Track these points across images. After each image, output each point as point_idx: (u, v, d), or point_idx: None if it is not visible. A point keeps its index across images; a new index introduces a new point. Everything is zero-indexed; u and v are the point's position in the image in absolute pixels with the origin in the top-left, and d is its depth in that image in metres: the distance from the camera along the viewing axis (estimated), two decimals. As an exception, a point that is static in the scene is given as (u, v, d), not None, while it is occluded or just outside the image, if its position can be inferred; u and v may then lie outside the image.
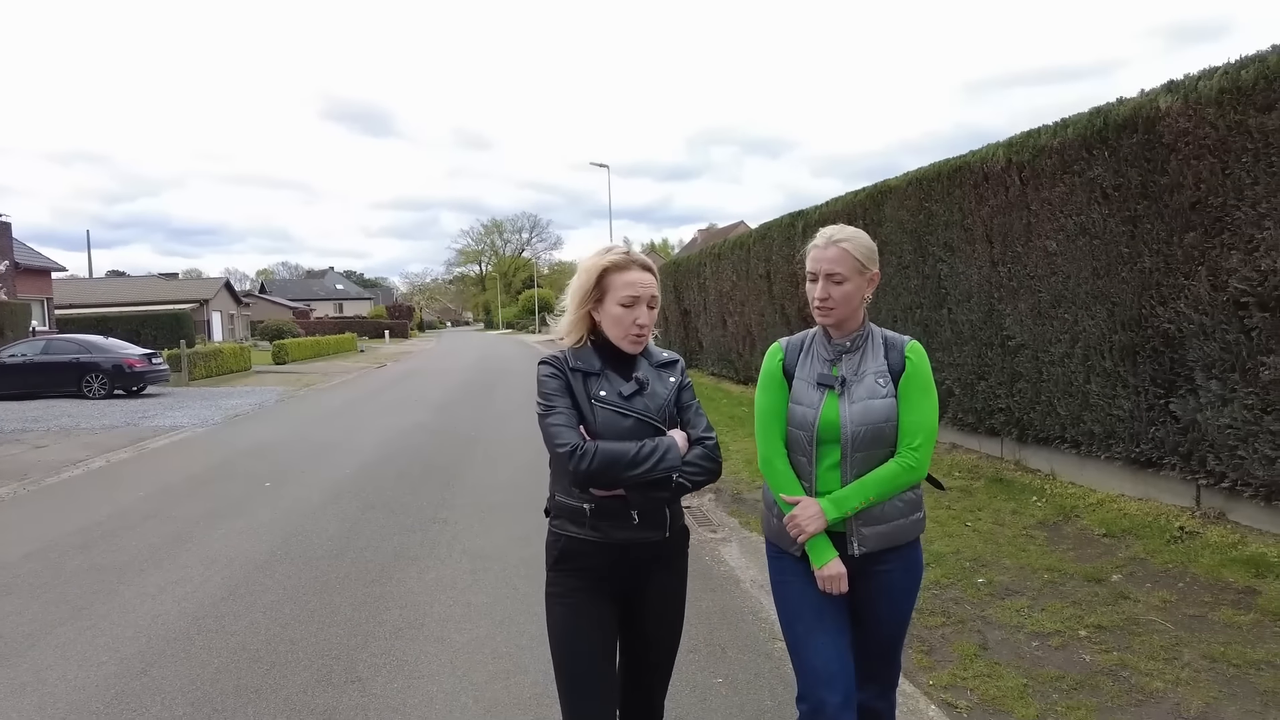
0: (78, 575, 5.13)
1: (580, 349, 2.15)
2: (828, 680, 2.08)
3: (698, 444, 2.12)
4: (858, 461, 2.13)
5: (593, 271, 2.11)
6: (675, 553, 2.21)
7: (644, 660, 2.20)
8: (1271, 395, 4.40)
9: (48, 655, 3.87)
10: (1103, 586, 4.25)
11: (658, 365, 2.20)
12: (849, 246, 2.15)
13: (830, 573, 2.10)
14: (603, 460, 1.98)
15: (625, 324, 2.10)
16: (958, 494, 6.18)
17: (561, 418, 2.04)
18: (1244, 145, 4.37)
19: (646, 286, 2.11)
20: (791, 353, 2.25)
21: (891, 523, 2.15)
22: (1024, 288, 6.27)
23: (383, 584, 4.78)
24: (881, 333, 2.25)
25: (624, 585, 2.12)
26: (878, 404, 2.13)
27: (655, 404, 2.12)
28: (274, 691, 3.42)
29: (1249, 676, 3.22)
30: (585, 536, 2.07)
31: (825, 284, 2.14)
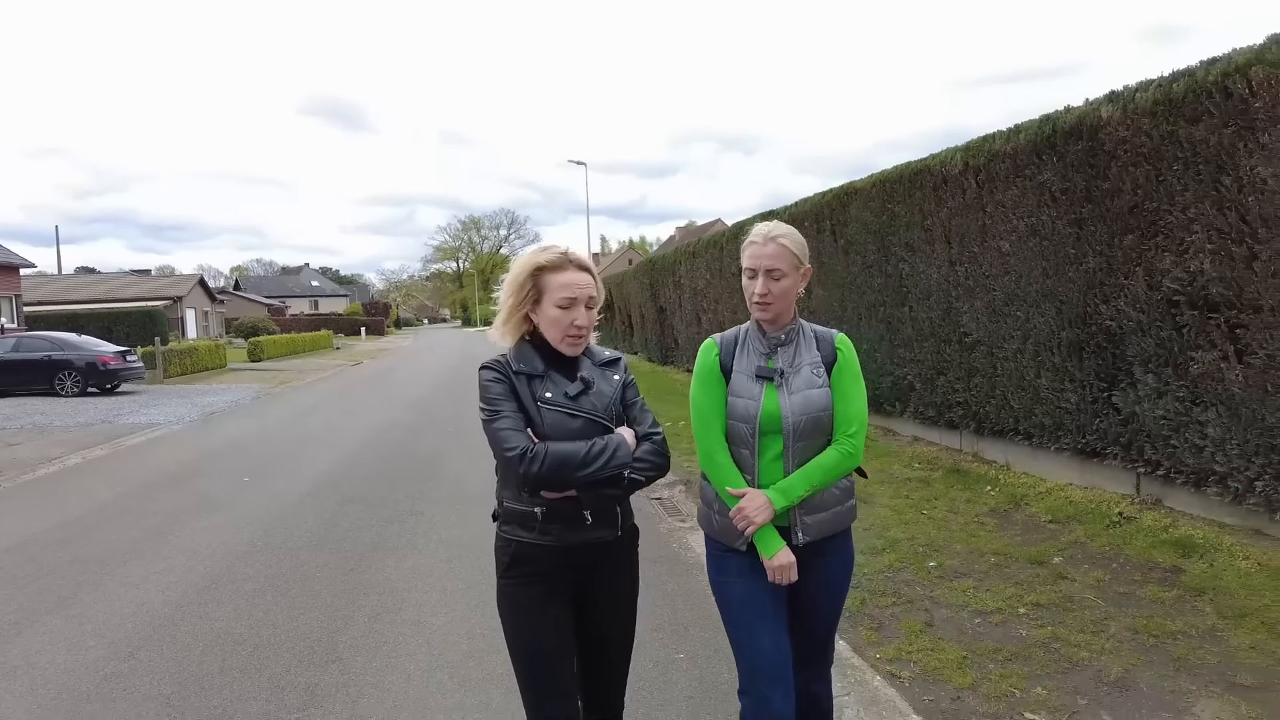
0: (60, 567, 5.24)
1: (521, 350, 2.12)
2: (769, 676, 2.16)
3: (645, 440, 2.12)
4: (799, 451, 2.18)
5: (526, 270, 2.09)
6: (626, 551, 2.21)
7: (602, 658, 2.20)
8: (1200, 388, 4.70)
9: (36, 641, 4.01)
10: (1044, 568, 4.52)
11: (601, 364, 2.19)
12: (786, 243, 2.20)
13: (780, 562, 2.14)
14: (554, 462, 1.95)
15: (563, 325, 2.07)
16: (916, 484, 6.45)
17: (508, 422, 2.01)
18: (1175, 154, 4.66)
19: (583, 287, 2.08)
20: (726, 348, 2.28)
21: (831, 510, 2.23)
22: (979, 286, 6.55)
23: (361, 572, 4.95)
24: (811, 326, 2.32)
25: (577, 586, 2.12)
26: (815, 394, 2.19)
27: (602, 403, 2.11)
28: (258, 671, 3.59)
29: (1166, 645, 3.50)
30: (537, 541, 2.05)
31: (765, 280, 2.18)
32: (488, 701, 3.27)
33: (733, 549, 2.20)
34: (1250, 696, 3.05)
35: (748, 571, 2.19)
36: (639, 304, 21.33)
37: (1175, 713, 3.00)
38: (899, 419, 8.31)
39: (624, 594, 2.21)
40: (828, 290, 9.18)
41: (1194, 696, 3.09)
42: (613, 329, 26.49)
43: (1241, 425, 4.46)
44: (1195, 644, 3.50)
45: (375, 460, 8.91)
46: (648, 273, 20.17)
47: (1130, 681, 3.24)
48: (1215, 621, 3.69)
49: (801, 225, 9.67)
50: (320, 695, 3.36)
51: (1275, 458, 4.28)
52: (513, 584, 2.09)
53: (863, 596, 4.23)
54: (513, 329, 2.13)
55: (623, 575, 2.20)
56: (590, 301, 2.10)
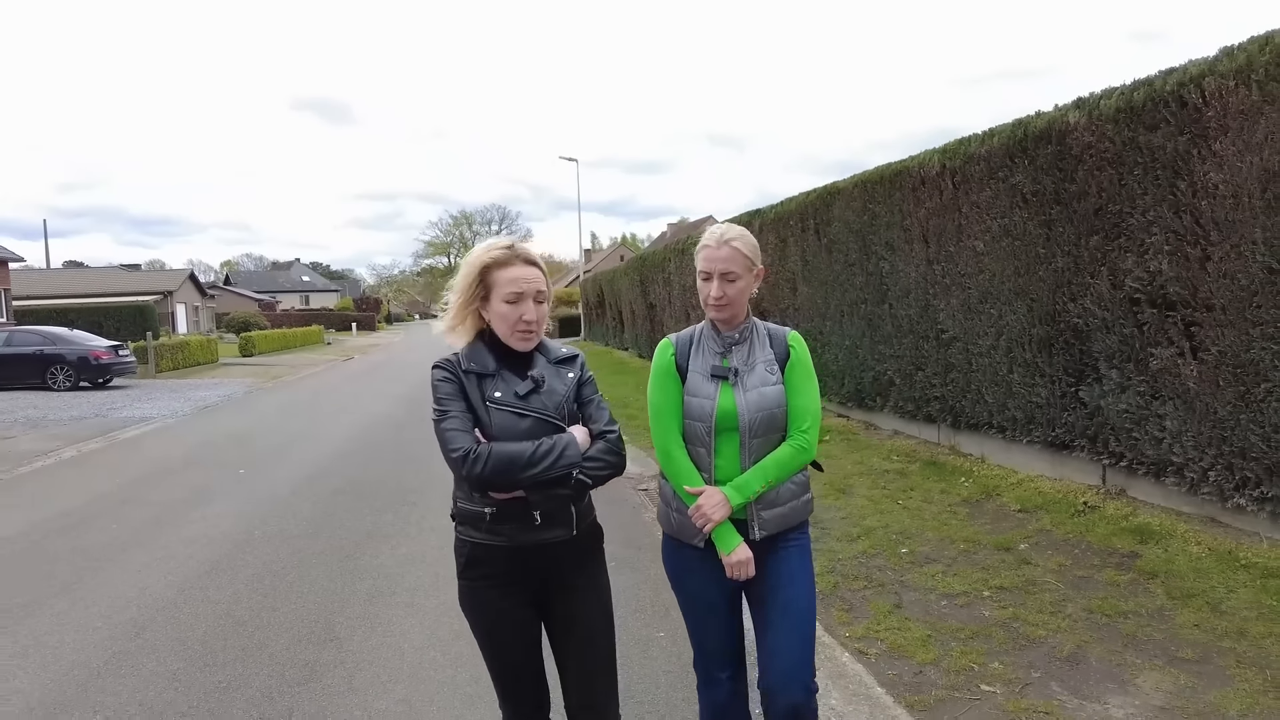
0: (63, 555, 5.41)
1: (474, 349, 2.11)
2: (719, 660, 2.34)
3: (599, 438, 2.09)
4: (755, 448, 2.21)
5: (474, 267, 2.07)
6: (587, 550, 2.17)
7: (578, 660, 2.16)
8: (1159, 383, 4.92)
9: (45, 623, 4.18)
10: (1010, 554, 4.75)
11: (556, 361, 2.17)
12: (739, 245, 2.24)
13: (738, 558, 2.17)
14: (497, 462, 1.94)
15: (511, 320, 2.06)
16: (894, 476, 6.67)
17: (455, 422, 2.00)
18: (1136, 159, 4.87)
19: (531, 281, 2.07)
20: (682, 348, 2.32)
21: (787, 504, 2.26)
22: (956, 284, 6.77)
23: (356, 559, 5.14)
24: (764, 325, 2.36)
25: (537, 588, 2.11)
26: (770, 391, 2.23)
27: (553, 401, 2.09)
28: (259, 649, 3.78)
29: (1117, 624, 3.72)
30: (489, 541, 2.04)
31: (720, 282, 2.22)
32: (478, 676, 3.44)
33: (688, 544, 2.26)
34: (1189, 668, 3.27)
35: (701, 569, 2.25)
36: (630, 300, 21.51)
37: (1120, 684, 3.22)
38: (879, 413, 8.53)
39: (589, 595, 2.17)
40: (812, 288, 9.39)
41: (1138, 669, 3.31)
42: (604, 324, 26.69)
43: (1196, 418, 4.68)
44: (1144, 622, 3.72)
45: (367, 453, 9.08)
46: (638, 269, 20.36)
47: (1081, 656, 3.46)
48: (1164, 602, 3.91)
49: (786, 224, 9.89)
50: (319, 671, 3.55)
51: (1226, 449, 4.51)
52: (470, 584, 2.09)
53: (836, 580, 4.45)
54: (465, 327, 2.13)
55: (585, 575, 2.16)
56: (539, 296, 2.08)
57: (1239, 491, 4.48)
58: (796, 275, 9.74)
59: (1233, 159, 4.27)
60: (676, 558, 2.33)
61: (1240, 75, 4.21)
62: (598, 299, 27.98)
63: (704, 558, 2.24)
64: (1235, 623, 3.61)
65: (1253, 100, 4.14)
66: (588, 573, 2.18)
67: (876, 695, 3.25)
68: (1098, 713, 3.01)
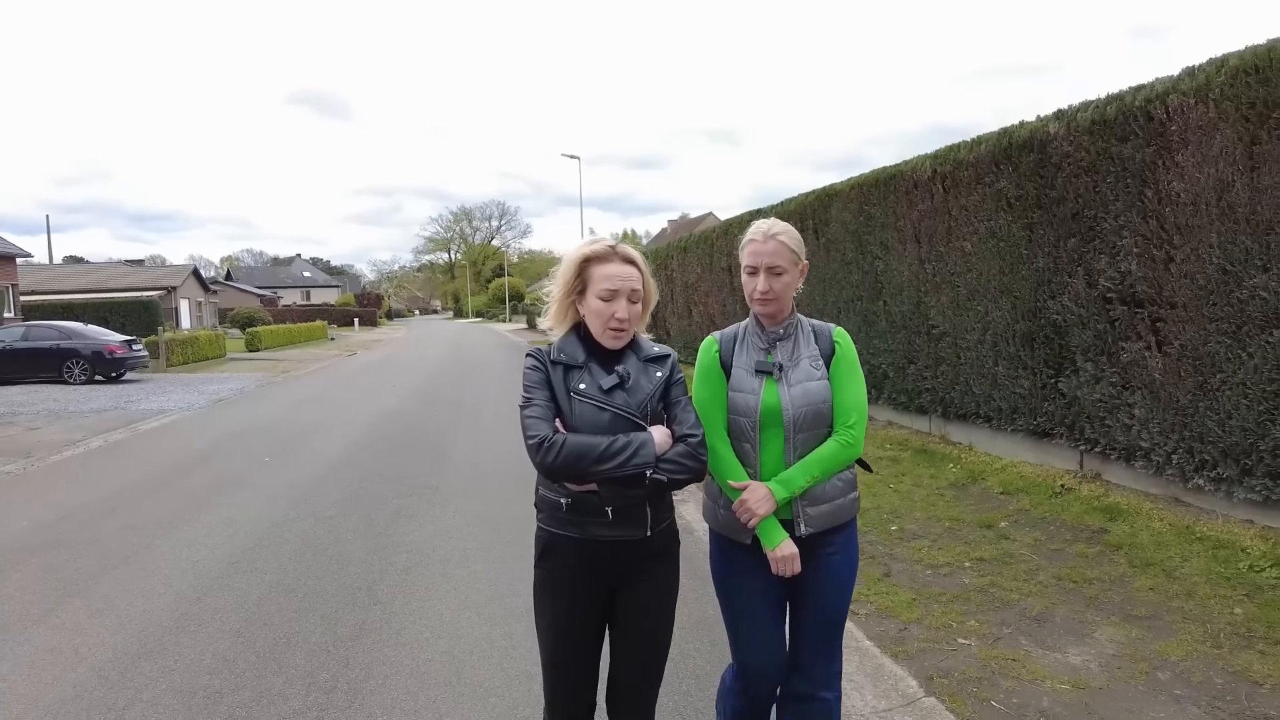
0: (114, 533, 5.82)
1: (566, 340, 2.14)
2: (760, 675, 2.27)
3: (680, 440, 2.07)
4: (801, 443, 2.20)
5: (574, 262, 2.10)
6: (660, 553, 2.15)
7: (632, 672, 2.17)
8: (1129, 375, 5.34)
9: (112, 589, 4.60)
10: (991, 531, 5.17)
11: (646, 359, 2.17)
12: (786, 240, 2.23)
13: (783, 553, 2.16)
14: (570, 453, 1.95)
15: (604, 317, 2.07)
16: (887, 463, 7.10)
17: (537, 410, 2.02)
18: (1108, 168, 5.29)
19: (626, 280, 2.08)
20: (726, 345, 2.32)
21: (833, 502, 2.24)
22: (945, 283, 7.19)
23: (388, 535, 5.56)
24: (809, 321, 2.35)
25: (606, 583, 2.10)
26: (814, 386, 2.22)
27: (636, 399, 2.08)
28: (311, 611, 4.21)
29: (1082, 589, 4.15)
30: (564, 532, 2.06)
31: (767, 277, 2.21)
32: (510, 632, 3.88)
33: (737, 543, 2.24)
34: (1141, 624, 3.70)
35: (752, 568, 2.23)
36: (631, 297, 21.89)
37: (1079, 637, 3.64)
38: (875, 405, 8.95)
39: (655, 597, 2.16)
40: (810, 285, 9.78)
41: (1097, 625, 3.74)
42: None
43: (1161, 407, 5.11)
44: (1106, 587, 4.15)
45: (387, 442, 9.50)
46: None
47: (1048, 616, 3.89)
48: (1125, 570, 4.34)
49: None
50: (368, 629, 3.97)
51: (1187, 434, 4.93)
52: (545, 572, 2.12)
53: (831, 553, 4.87)
54: (562, 319, 2.16)
55: (654, 578, 2.15)
56: (634, 295, 2.09)
57: (1198, 473, 4.91)
58: (795, 273, 10.14)
59: (1192, 170, 4.69)
60: (725, 557, 2.31)
61: (1200, 94, 4.62)
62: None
63: (751, 556, 2.23)
64: (1186, 586, 4.04)
65: (1210, 117, 4.55)
66: (657, 575, 2.15)
67: (865, 647, 3.67)
68: (1058, 660, 3.44)
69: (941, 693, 3.20)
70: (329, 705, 3.22)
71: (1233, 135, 4.43)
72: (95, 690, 3.39)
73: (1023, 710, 3.04)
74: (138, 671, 3.55)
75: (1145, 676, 3.25)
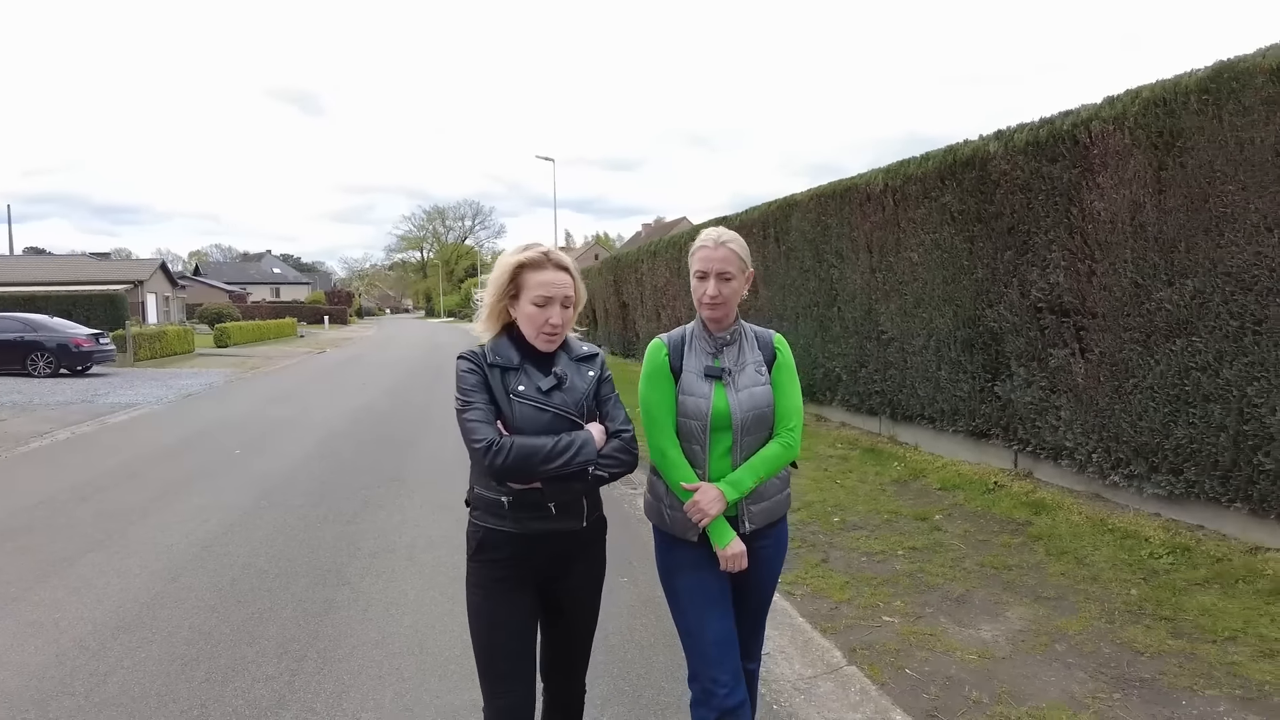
0: (88, 519, 5.99)
1: (499, 343, 2.19)
2: (718, 661, 2.28)
3: (614, 437, 2.17)
4: (746, 445, 2.30)
5: (508, 268, 2.15)
6: (592, 541, 2.27)
7: (565, 646, 2.28)
8: (1056, 379, 5.75)
9: (87, 571, 4.79)
10: (925, 523, 5.54)
11: (577, 359, 2.26)
12: (734, 247, 2.31)
13: (734, 551, 2.25)
14: (518, 455, 2.01)
15: (538, 323, 2.14)
16: (836, 461, 7.46)
17: (478, 413, 2.06)
18: (1040, 186, 5.69)
19: (560, 286, 2.14)
20: (674, 348, 2.37)
21: (771, 499, 2.37)
22: (894, 291, 7.58)
23: (357, 523, 5.79)
24: (751, 328, 2.44)
25: (542, 574, 2.19)
26: (759, 390, 2.32)
27: (573, 398, 2.17)
28: (283, 590, 4.44)
29: (1001, 575, 4.52)
30: (504, 528, 2.12)
31: (716, 282, 2.28)
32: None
33: (681, 540, 2.33)
34: (1048, 604, 4.07)
35: (696, 562, 2.31)
36: (603, 299, 22.19)
37: (993, 615, 4.00)
38: (829, 406, 9.33)
39: (589, 582, 2.28)
40: (772, 291, 10.17)
41: (1009, 605, 4.10)
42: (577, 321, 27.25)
43: (1083, 409, 5.51)
44: (1022, 573, 4.52)
45: (355, 438, 9.69)
46: (612, 269, 21.06)
47: (967, 597, 4.24)
48: (1042, 558, 4.72)
49: (751, 231, 10.65)
50: (337, 606, 4.22)
51: (1105, 435, 5.34)
52: (479, 567, 2.17)
53: (775, 542, 5.20)
54: (493, 322, 2.22)
55: (588, 564, 2.27)
56: (566, 301, 2.17)
57: (1114, 470, 5.32)
58: (759, 279, 10.50)
59: (1110, 191, 5.10)
60: (667, 553, 2.40)
61: (1117, 121, 5.03)
62: (572, 297, 28.56)
63: (699, 553, 2.31)
64: (1092, 571, 4.42)
65: (1125, 143, 4.96)
66: (590, 560, 2.28)
67: (799, 624, 3.99)
68: (971, 635, 3.79)
69: (862, 662, 3.53)
70: (300, 671, 3.47)
71: (1144, 161, 4.84)
72: (77, 659, 3.60)
73: (932, 677, 3.38)
74: (117, 643, 3.77)
75: (1044, 648, 3.60)
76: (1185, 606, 3.89)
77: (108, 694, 3.29)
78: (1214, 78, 4.40)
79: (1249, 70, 4.19)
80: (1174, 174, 4.66)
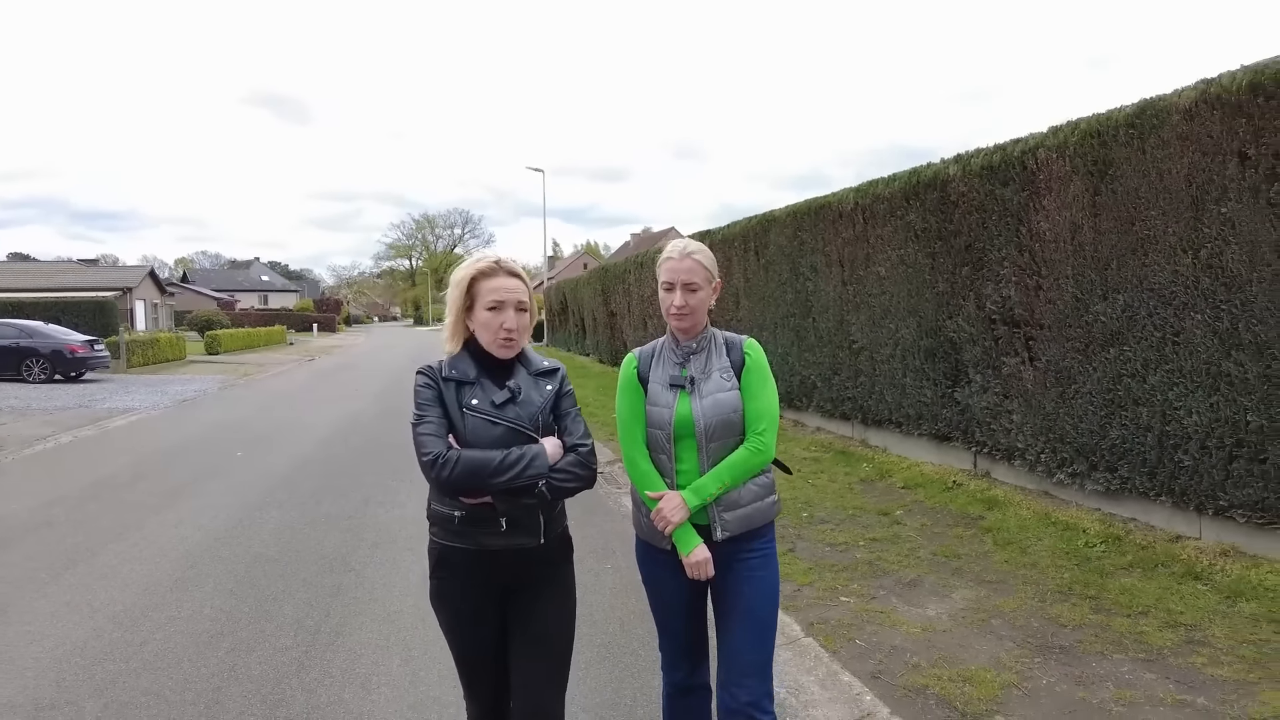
0: (102, 515, 6.36)
1: (457, 358, 2.21)
2: (686, 655, 2.44)
3: (571, 450, 2.16)
4: (714, 452, 2.31)
5: (463, 280, 2.18)
6: (555, 560, 2.24)
7: (534, 664, 2.21)
8: (1008, 385, 6.22)
9: (111, 560, 5.17)
10: (887, 517, 5.99)
11: (536, 374, 2.26)
12: (700, 258, 2.36)
13: (696, 558, 2.27)
14: (465, 468, 2.01)
15: (493, 328, 2.15)
16: (810, 463, 7.91)
17: (430, 427, 2.08)
18: (994, 207, 6.18)
19: (512, 291, 2.16)
20: (644, 360, 2.43)
21: (749, 506, 2.33)
22: (864, 303, 8.05)
23: (358, 519, 6.19)
24: (722, 334, 2.44)
25: (501, 589, 2.19)
26: (725, 396, 2.32)
27: (528, 412, 2.16)
28: (294, 575, 4.84)
29: (951, 562, 4.96)
30: (457, 544, 2.12)
31: (682, 292, 2.33)
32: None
33: (659, 548, 2.38)
34: (990, 587, 4.52)
35: (671, 568, 2.35)
36: (592, 308, 22.63)
37: (939, 597, 4.44)
38: (806, 412, 9.79)
39: (553, 602, 2.24)
40: (752, 302, 10.64)
41: (955, 588, 4.55)
42: (567, 331, 27.75)
43: (1032, 413, 5.98)
44: (970, 561, 4.97)
45: (350, 442, 10.06)
46: (600, 279, 21.52)
47: (918, 582, 4.69)
48: (990, 548, 5.17)
49: (733, 245, 11.14)
50: (344, 589, 4.62)
51: (1052, 436, 5.81)
52: (439, 583, 2.20)
53: (748, 534, 5.64)
54: (457, 337, 2.24)
55: (551, 583, 2.24)
56: (521, 305, 2.18)
57: (1060, 469, 5.79)
58: (740, 291, 10.98)
59: (1054, 213, 5.59)
60: (648, 560, 2.46)
61: (1060, 149, 5.52)
62: (560, 306, 29.05)
63: (672, 559, 2.34)
64: (1033, 559, 4.88)
65: (1066, 169, 5.45)
66: (554, 582, 2.25)
67: (764, 604, 4.42)
68: (918, 613, 4.23)
69: (818, 635, 3.96)
70: (314, 643, 3.87)
71: (1082, 186, 5.33)
72: (113, 633, 3.99)
73: (879, 646, 3.82)
74: (147, 619, 4.16)
75: (981, 623, 4.05)
76: (1108, 587, 4.35)
77: (145, 659, 3.69)
78: (1139, 113, 4.90)
79: (1166, 108, 4.69)
80: (1107, 199, 5.15)
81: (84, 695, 3.37)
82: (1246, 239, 4.27)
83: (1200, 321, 4.57)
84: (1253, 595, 4.03)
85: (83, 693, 3.40)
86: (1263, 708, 3.07)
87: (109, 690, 3.42)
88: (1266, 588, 4.07)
